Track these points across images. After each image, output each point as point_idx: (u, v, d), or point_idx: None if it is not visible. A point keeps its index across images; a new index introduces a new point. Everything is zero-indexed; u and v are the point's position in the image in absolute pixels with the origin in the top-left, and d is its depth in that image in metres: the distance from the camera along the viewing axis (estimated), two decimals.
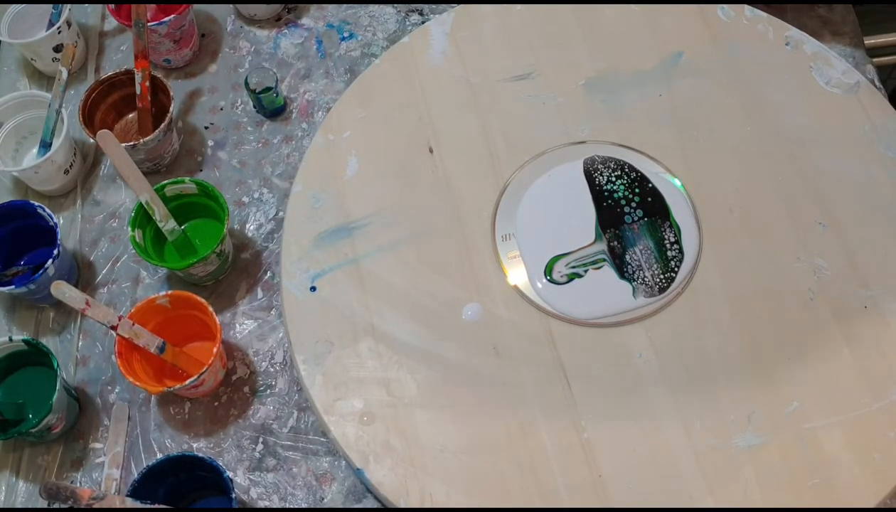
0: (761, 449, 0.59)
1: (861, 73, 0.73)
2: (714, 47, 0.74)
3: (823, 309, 0.64)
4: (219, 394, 0.68)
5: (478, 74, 0.75)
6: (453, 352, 0.63)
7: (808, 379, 0.61)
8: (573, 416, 0.61)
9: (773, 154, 0.70)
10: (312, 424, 0.66)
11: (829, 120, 0.71)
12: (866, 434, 0.59)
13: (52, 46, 0.79)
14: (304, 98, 0.81)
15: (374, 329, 0.65)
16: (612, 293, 0.65)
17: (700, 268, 0.65)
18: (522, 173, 0.70)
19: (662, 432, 0.60)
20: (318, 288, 0.67)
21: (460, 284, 0.66)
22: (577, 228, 0.67)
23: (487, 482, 0.59)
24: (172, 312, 0.66)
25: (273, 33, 0.84)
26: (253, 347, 0.69)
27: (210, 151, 0.79)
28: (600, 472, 0.59)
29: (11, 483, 0.66)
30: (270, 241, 0.74)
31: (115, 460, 0.65)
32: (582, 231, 0.67)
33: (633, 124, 0.71)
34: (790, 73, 0.73)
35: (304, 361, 0.64)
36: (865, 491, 0.58)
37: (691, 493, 0.58)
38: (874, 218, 0.67)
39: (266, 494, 0.64)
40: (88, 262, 0.74)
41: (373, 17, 0.85)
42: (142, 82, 0.75)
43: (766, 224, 0.67)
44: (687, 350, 0.63)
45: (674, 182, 0.69)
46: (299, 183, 0.71)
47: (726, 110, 0.72)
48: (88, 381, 0.69)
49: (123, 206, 0.77)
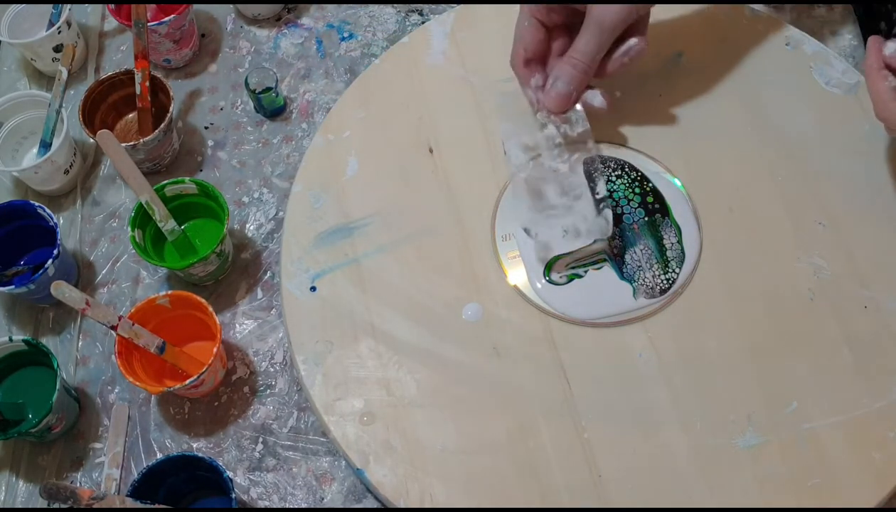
0: (761, 449, 0.59)
1: (861, 73, 0.73)
2: (714, 47, 0.74)
3: (823, 309, 0.64)
4: (219, 394, 0.68)
5: (478, 74, 0.74)
6: (453, 352, 0.63)
7: (808, 379, 0.61)
8: (573, 416, 0.61)
9: (773, 154, 0.70)
10: (312, 424, 0.66)
11: (829, 120, 0.71)
12: (866, 434, 0.59)
13: (52, 46, 0.79)
14: (304, 98, 0.81)
15: (374, 329, 0.65)
16: (612, 294, 0.65)
17: (700, 268, 0.65)
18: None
19: (662, 432, 0.60)
20: (318, 288, 0.67)
21: (460, 284, 0.66)
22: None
23: (487, 482, 0.59)
24: (172, 312, 0.66)
25: (273, 33, 0.84)
26: (253, 347, 0.69)
27: (210, 151, 0.79)
28: (600, 472, 0.59)
29: (11, 483, 0.66)
30: (270, 241, 0.74)
31: (115, 460, 0.65)
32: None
33: (633, 124, 0.71)
34: (790, 73, 0.73)
35: (304, 361, 0.64)
36: (865, 491, 0.58)
37: (691, 493, 0.58)
38: (874, 218, 0.67)
39: (266, 494, 0.64)
40: (88, 262, 0.74)
41: (373, 17, 0.85)
42: (142, 82, 0.75)
43: (766, 224, 0.67)
44: (687, 350, 0.63)
45: (674, 182, 0.69)
46: (299, 183, 0.71)
47: (726, 110, 0.72)
48: (88, 381, 0.69)
49: (123, 206, 0.77)
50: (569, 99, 0.65)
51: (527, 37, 0.66)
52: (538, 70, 0.67)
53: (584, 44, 0.63)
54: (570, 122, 0.66)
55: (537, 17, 0.65)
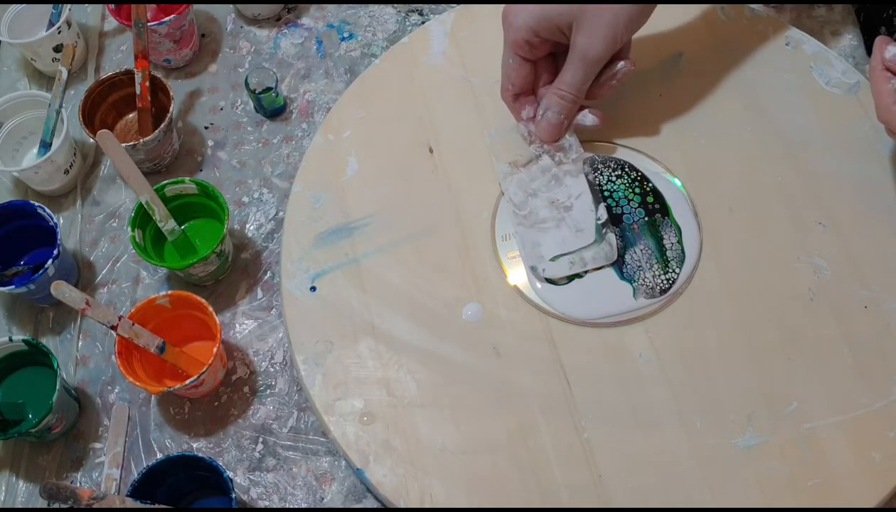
0: (761, 449, 0.59)
1: (861, 73, 0.73)
2: (714, 47, 0.74)
3: (823, 309, 0.64)
4: (219, 394, 0.68)
5: (478, 74, 0.74)
6: (453, 352, 0.63)
7: (808, 379, 0.61)
8: (573, 416, 0.61)
9: (773, 154, 0.70)
10: (312, 424, 0.66)
11: (829, 120, 0.71)
12: (866, 434, 0.59)
13: (52, 46, 0.79)
14: (304, 98, 0.81)
15: (374, 329, 0.65)
16: (612, 294, 0.65)
17: (700, 268, 0.65)
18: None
19: (662, 432, 0.60)
20: (317, 288, 0.67)
21: (460, 284, 0.66)
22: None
23: (487, 482, 0.59)
24: (172, 312, 0.66)
25: (273, 33, 0.84)
26: (253, 347, 0.69)
27: (210, 151, 0.79)
28: (600, 472, 0.59)
29: (11, 483, 0.66)
30: (270, 241, 0.74)
31: (115, 460, 0.65)
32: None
33: (633, 124, 0.71)
34: (790, 73, 0.73)
35: (304, 361, 0.64)
36: (865, 491, 0.58)
37: (691, 493, 0.58)
38: (874, 218, 0.67)
39: (266, 494, 0.64)
40: (88, 262, 0.74)
41: (373, 17, 0.85)
42: (142, 82, 0.75)
43: (766, 224, 0.67)
44: (687, 350, 0.63)
45: (674, 182, 0.69)
46: (299, 183, 0.71)
47: (726, 110, 0.72)
48: (88, 381, 0.69)
49: (123, 206, 0.77)
50: (560, 128, 0.66)
51: (512, 74, 0.66)
52: (528, 102, 0.68)
53: (570, 76, 0.63)
54: (563, 150, 0.67)
55: (520, 54, 0.65)
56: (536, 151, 0.68)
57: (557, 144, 0.67)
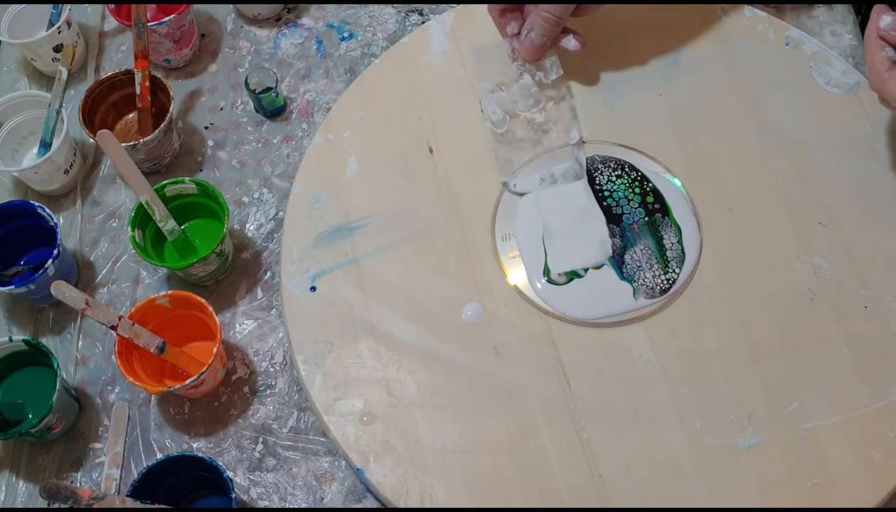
0: (761, 449, 0.59)
1: (861, 74, 0.73)
2: (714, 47, 0.74)
3: (823, 309, 0.64)
4: (219, 394, 0.68)
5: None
6: (453, 352, 0.63)
7: (808, 379, 0.61)
8: (573, 416, 0.61)
9: (773, 154, 0.70)
10: (312, 424, 0.66)
11: (829, 120, 0.71)
12: (866, 434, 0.59)
13: (52, 46, 0.79)
14: (304, 98, 0.81)
15: (374, 329, 0.65)
16: (612, 293, 0.65)
17: (700, 268, 0.65)
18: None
19: (662, 432, 0.60)
20: (317, 288, 0.67)
21: (460, 284, 0.66)
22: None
23: (487, 482, 0.59)
24: (172, 312, 0.66)
25: (273, 33, 0.84)
26: (253, 347, 0.69)
27: (210, 151, 0.79)
28: (600, 472, 0.59)
29: (11, 483, 0.66)
30: (270, 241, 0.74)
31: (115, 460, 0.65)
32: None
33: (633, 124, 0.71)
34: (790, 73, 0.73)
35: (304, 361, 0.64)
36: (865, 491, 0.58)
37: (691, 493, 0.58)
38: (874, 218, 0.67)
39: (266, 494, 0.64)
40: (88, 262, 0.74)
41: (373, 17, 0.85)
42: (142, 82, 0.75)
43: (766, 224, 0.67)
44: (687, 350, 0.63)
45: (674, 182, 0.69)
46: (299, 183, 0.71)
47: (726, 110, 0.72)
48: (88, 381, 0.69)
49: (123, 206, 0.77)
50: (543, 49, 0.68)
51: None
52: (514, 18, 0.69)
53: None
54: (544, 70, 0.69)
55: None
56: (518, 70, 0.70)
57: (539, 63, 0.69)
